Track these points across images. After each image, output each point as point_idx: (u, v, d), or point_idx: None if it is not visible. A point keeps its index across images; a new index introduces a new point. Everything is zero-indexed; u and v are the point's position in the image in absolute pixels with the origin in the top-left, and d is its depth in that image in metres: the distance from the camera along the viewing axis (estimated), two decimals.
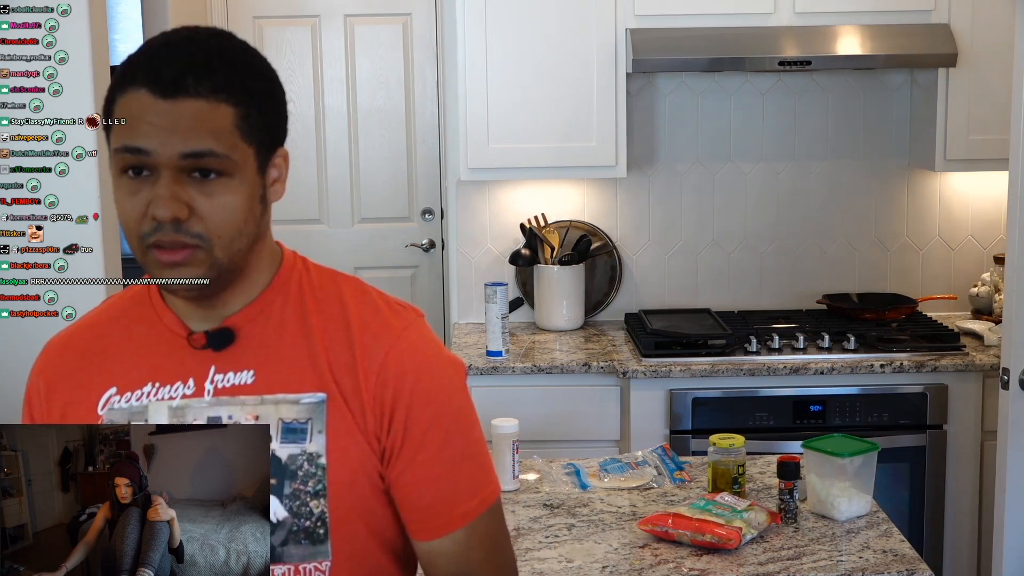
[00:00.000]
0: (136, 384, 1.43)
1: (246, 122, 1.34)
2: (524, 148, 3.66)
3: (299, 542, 1.38)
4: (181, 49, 1.33)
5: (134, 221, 1.33)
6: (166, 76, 1.30)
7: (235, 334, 1.42)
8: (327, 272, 1.50)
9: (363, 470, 1.41)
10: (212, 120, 1.31)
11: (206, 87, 1.31)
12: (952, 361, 3.42)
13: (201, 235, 1.33)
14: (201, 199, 1.32)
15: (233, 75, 1.33)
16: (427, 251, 4.90)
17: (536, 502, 2.45)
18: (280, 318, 1.43)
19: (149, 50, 1.35)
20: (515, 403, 3.33)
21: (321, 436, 1.39)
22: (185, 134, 1.30)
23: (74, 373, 1.46)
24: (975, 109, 3.61)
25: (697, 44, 3.56)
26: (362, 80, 4.81)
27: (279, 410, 1.39)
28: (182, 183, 1.31)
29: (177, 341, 1.43)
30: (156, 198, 1.31)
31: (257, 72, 1.37)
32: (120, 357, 1.45)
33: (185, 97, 1.30)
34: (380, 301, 1.47)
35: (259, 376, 1.41)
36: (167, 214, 1.31)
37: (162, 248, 1.33)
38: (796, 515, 2.32)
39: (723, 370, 3.40)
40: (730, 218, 4.00)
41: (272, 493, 1.37)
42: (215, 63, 1.33)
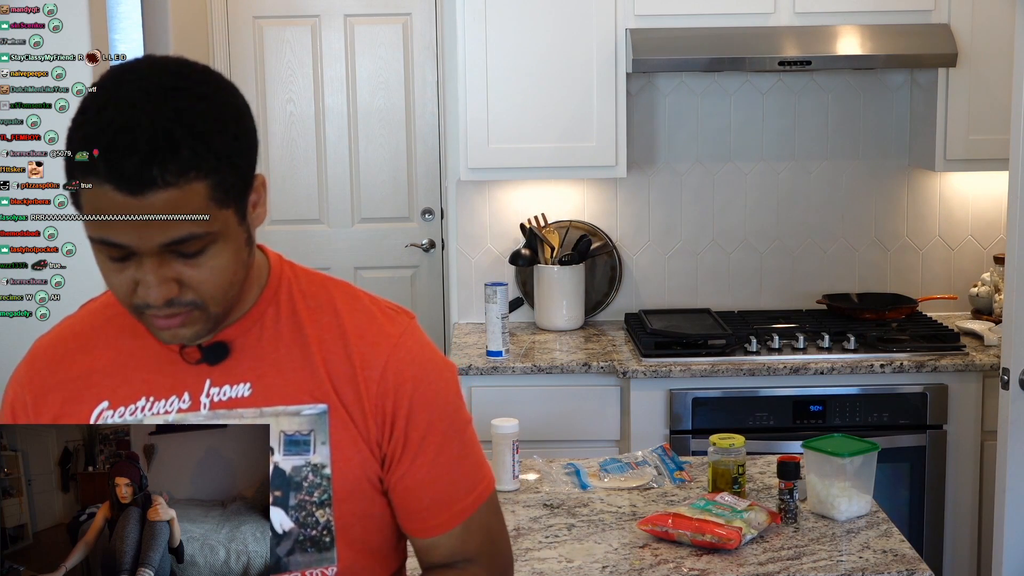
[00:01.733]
0: (129, 399, 1.42)
1: (220, 189, 1.27)
2: (524, 148, 3.65)
3: (305, 550, 1.39)
4: (137, 127, 1.22)
5: (124, 295, 1.32)
6: (129, 170, 1.22)
7: (230, 347, 1.41)
8: (316, 278, 1.49)
9: (365, 477, 1.42)
10: (186, 205, 1.24)
11: (172, 172, 1.23)
12: (952, 361, 3.42)
13: (195, 301, 1.32)
14: (189, 271, 1.29)
15: (199, 145, 1.24)
16: (427, 251, 4.90)
17: (536, 502, 2.45)
18: (274, 329, 1.43)
19: (104, 130, 1.23)
20: (515, 403, 3.34)
21: (325, 447, 1.39)
22: (161, 226, 1.25)
23: (63, 386, 1.45)
24: (975, 109, 3.61)
25: (697, 44, 3.56)
26: (362, 80, 4.81)
27: (280, 422, 1.39)
28: (167, 263, 1.28)
29: (169, 355, 1.42)
30: (144, 283, 1.29)
31: (222, 123, 1.28)
32: (110, 371, 1.43)
33: (154, 190, 1.23)
34: (373, 307, 1.47)
35: (256, 388, 1.40)
36: (159, 299, 1.29)
37: (157, 316, 1.32)
38: (796, 515, 2.32)
39: (723, 370, 3.40)
40: (730, 218, 4.00)
41: (277, 505, 1.37)
42: (177, 135, 1.23)
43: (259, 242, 1.44)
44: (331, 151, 4.84)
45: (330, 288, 1.47)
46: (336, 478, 1.39)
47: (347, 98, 4.81)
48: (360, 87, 4.81)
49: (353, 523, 1.42)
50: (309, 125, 4.82)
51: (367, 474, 1.42)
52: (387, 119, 4.83)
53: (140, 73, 1.28)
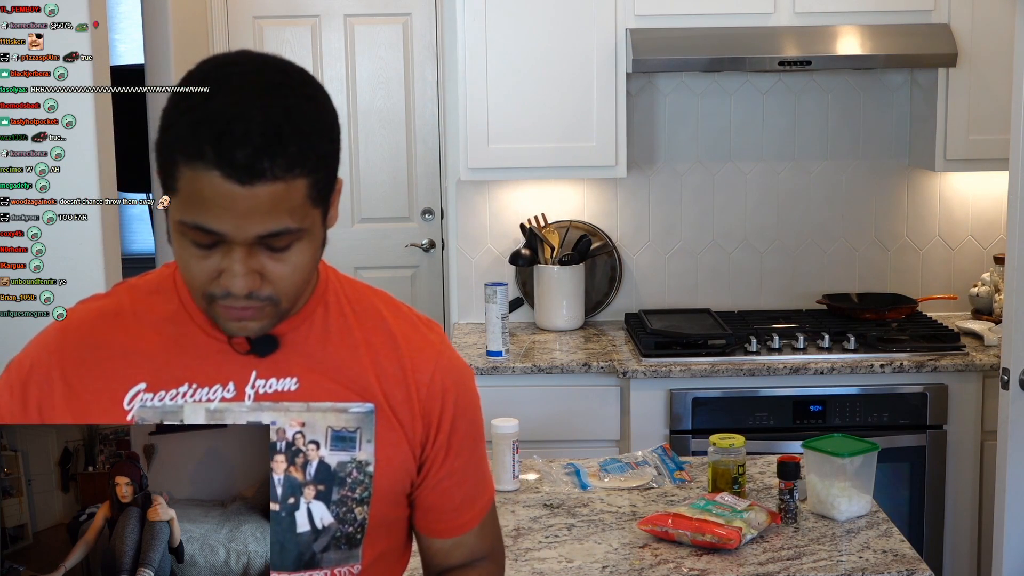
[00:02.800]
0: (170, 383, 1.39)
1: (316, 188, 1.30)
2: (524, 148, 3.66)
3: (339, 547, 1.41)
4: (251, 118, 1.24)
5: (202, 283, 1.31)
6: (240, 160, 1.23)
7: (279, 341, 1.41)
8: (357, 284, 1.52)
9: (401, 478, 1.45)
10: (289, 200, 1.27)
11: (281, 166, 1.25)
12: (952, 361, 3.42)
13: (272, 296, 1.32)
14: (272, 264, 1.30)
15: (304, 144, 1.27)
16: (427, 251, 4.90)
17: (536, 502, 2.45)
18: (323, 327, 1.44)
19: (216, 118, 1.24)
20: (515, 403, 3.33)
21: (370, 445, 1.41)
22: (263, 218, 1.26)
23: (98, 362, 1.40)
24: (975, 109, 3.61)
25: (697, 44, 3.56)
26: (362, 80, 4.81)
27: (327, 418, 1.40)
28: (255, 254, 1.29)
29: (214, 344, 1.40)
30: (229, 271, 1.29)
31: (322, 124, 1.31)
32: (152, 354, 1.40)
33: (263, 182, 1.24)
34: (412, 316, 1.51)
35: (303, 383, 1.41)
36: (243, 290, 1.30)
37: (232, 307, 1.32)
38: (796, 515, 2.32)
39: (723, 370, 3.40)
40: (730, 218, 4.00)
41: (319, 499, 1.39)
42: (286, 132, 1.25)
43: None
44: None
45: (371, 295, 1.51)
46: (377, 477, 1.42)
47: (347, 98, 4.81)
48: (360, 87, 4.81)
49: (380, 524, 1.44)
50: None
51: (404, 476, 1.45)
52: (387, 119, 4.83)
53: (246, 67, 1.30)
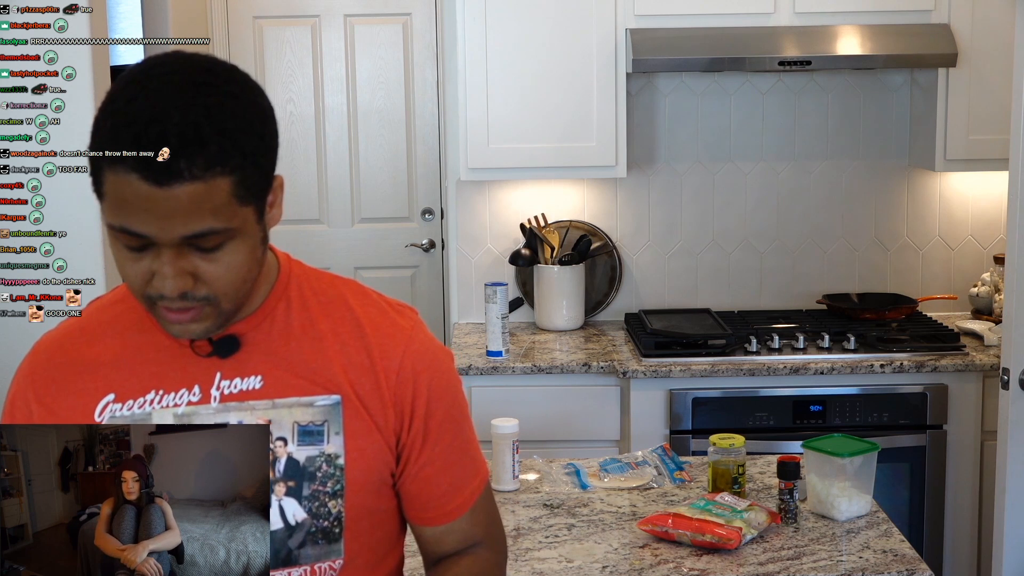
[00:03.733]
0: (137, 392, 1.41)
1: (243, 187, 1.28)
2: (524, 148, 3.66)
3: (316, 542, 1.41)
4: (167, 119, 1.24)
5: (139, 285, 1.32)
6: (157, 162, 1.23)
7: (240, 341, 1.42)
8: (324, 275, 1.51)
9: (376, 468, 1.44)
10: (211, 199, 1.25)
11: (200, 166, 1.24)
12: (952, 361, 3.42)
13: (208, 296, 1.32)
14: (205, 265, 1.30)
15: (226, 142, 1.25)
16: (427, 251, 4.90)
17: (536, 502, 2.45)
18: (284, 323, 1.44)
19: (134, 120, 1.24)
20: (515, 403, 3.34)
21: (338, 437, 1.41)
22: (185, 219, 1.25)
23: (67, 380, 1.44)
24: (975, 109, 3.61)
25: (697, 44, 3.56)
26: (362, 80, 4.81)
27: (292, 413, 1.40)
28: (184, 255, 1.29)
29: (178, 348, 1.42)
30: (160, 274, 1.29)
31: (248, 122, 1.29)
32: (117, 364, 1.43)
33: (180, 183, 1.24)
34: (382, 302, 1.50)
35: (267, 381, 1.41)
36: (174, 291, 1.30)
37: (169, 309, 1.32)
38: (796, 515, 2.32)
39: (723, 370, 3.40)
40: (730, 218, 4.00)
41: (291, 495, 1.39)
42: (205, 131, 1.24)
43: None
44: (331, 151, 4.84)
45: (339, 285, 1.50)
46: (349, 468, 1.41)
47: (347, 98, 4.81)
48: (360, 87, 4.81)
49: (361, 516, 1.44)
50: (309, 125, 4.82)
51: (379, 466, 1.44)
52: (387, 119, 4.83)
53: (170, 68, 1.29)
